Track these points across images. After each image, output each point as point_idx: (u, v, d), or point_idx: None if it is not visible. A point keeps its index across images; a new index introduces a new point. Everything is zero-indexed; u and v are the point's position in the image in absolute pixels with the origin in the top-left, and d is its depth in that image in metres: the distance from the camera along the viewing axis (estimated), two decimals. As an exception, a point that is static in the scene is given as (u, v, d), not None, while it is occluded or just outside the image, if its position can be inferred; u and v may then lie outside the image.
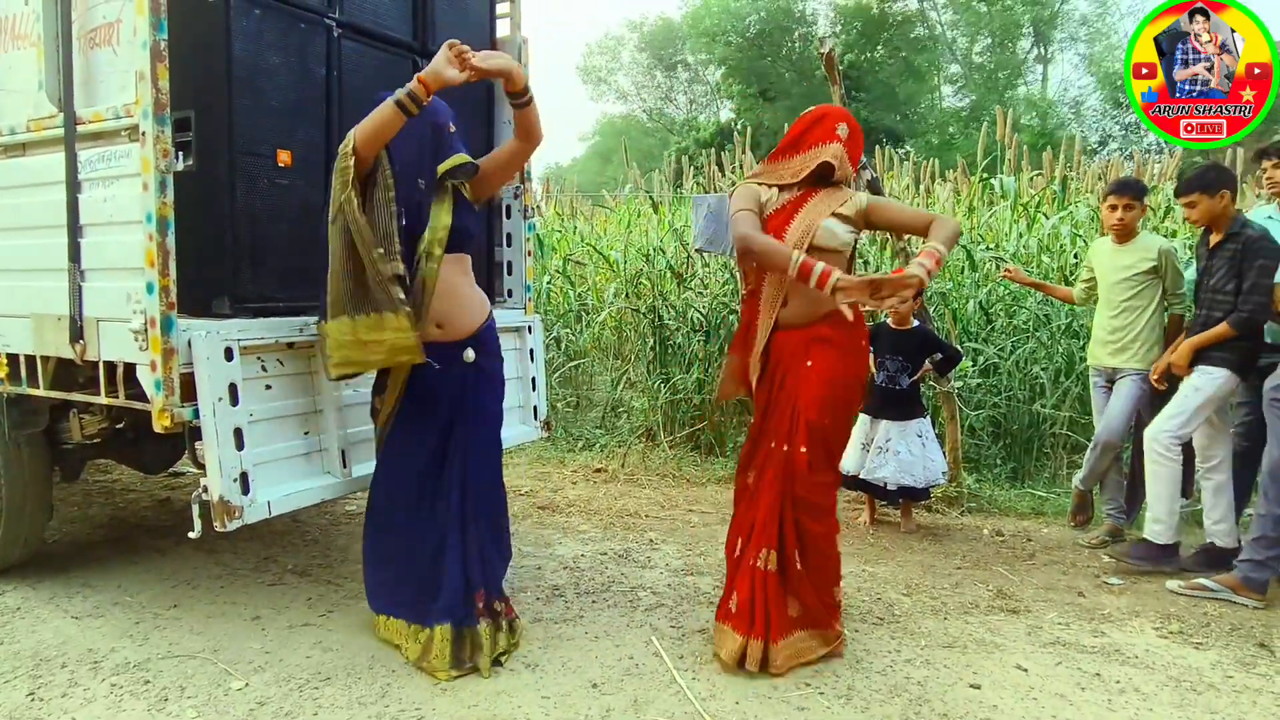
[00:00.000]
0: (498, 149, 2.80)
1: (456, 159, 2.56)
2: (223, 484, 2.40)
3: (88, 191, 2.59)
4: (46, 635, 2.78)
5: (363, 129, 2.36)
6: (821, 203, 2.66)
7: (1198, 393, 3.43)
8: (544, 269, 7.01)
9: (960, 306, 5.63)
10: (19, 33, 2.77)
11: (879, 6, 26.86)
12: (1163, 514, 3.49)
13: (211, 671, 2.54)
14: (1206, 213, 3.51)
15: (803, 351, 2.63)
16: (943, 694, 2.47)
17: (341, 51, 2.98)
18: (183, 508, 4.28)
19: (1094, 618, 3.07)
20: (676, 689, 2.46)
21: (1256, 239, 3.38)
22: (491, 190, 2.82)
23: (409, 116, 2.36)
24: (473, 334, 2.63)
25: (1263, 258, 3.33)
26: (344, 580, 3.28)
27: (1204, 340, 3.44)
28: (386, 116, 2.34)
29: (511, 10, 3.77)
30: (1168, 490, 3.48)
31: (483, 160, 2.69)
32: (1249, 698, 2.50)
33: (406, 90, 2.33)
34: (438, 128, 2.56)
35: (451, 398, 2.60)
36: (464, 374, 2.62)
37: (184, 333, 2.42)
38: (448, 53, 2.37)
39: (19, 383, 2.89)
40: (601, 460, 5.37)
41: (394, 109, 2.33)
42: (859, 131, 2.77)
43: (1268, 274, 3.32)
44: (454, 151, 2.57)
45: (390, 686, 2.45)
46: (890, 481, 3.97)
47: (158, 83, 2.32)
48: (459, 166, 2.56)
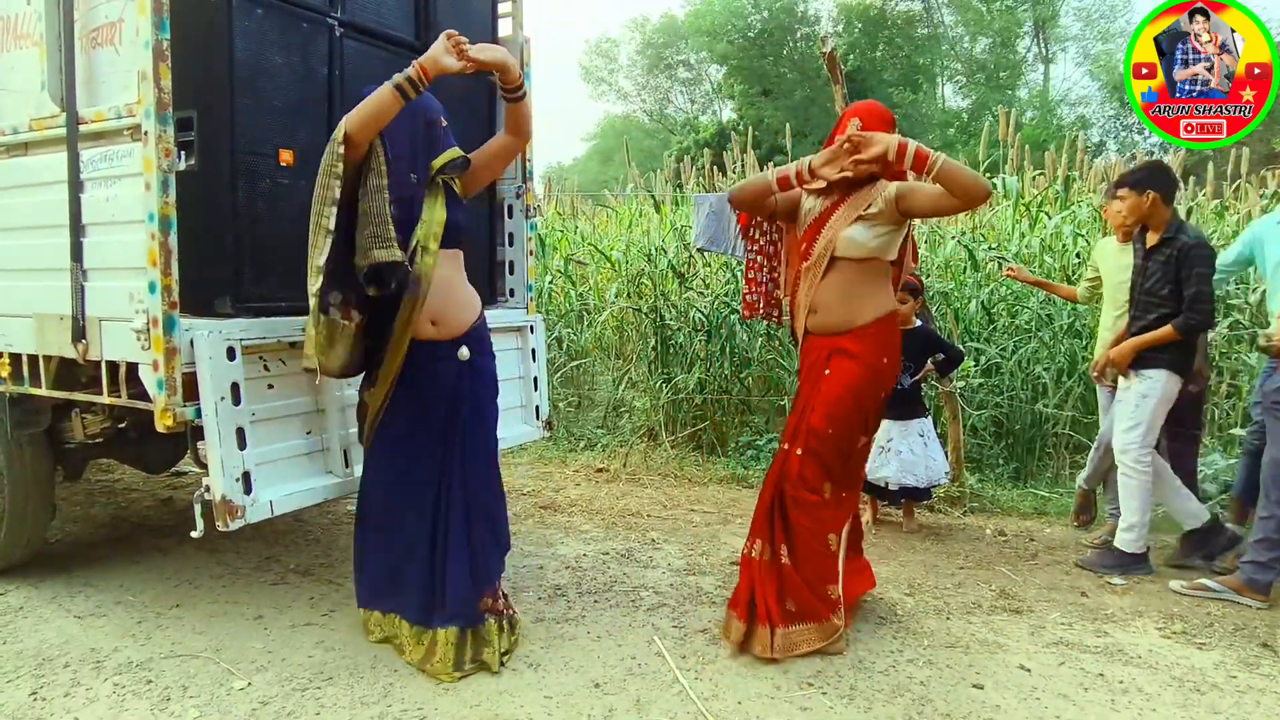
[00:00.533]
0: (488, 144, 2.80)
1: (450, 153, 2.56)
2: (225, 483, 2.40)
3: (90, 191, 2.59)
4: (49, 635, 2.78)
5: (356, 115, 2.35)
6: (846, 211, 2.71)
7: (1146, 399, 3.47)
8: (545, 268, 7.01)
9: (962, 306, 5.63)
10: (21, 32, 2.77)
11: (881, 6, 26.86)
12: (1135, 523, 3.52)
13: (214, 671, 2.54)
14: (1132, 210, 3.54)
15: (823, 360, 2.73)
16: (946, 694, 2.46)
17: (344, 51, 2.97)
18: (184, 507, 4.28)
19: (1097, 618, 3.06)
20: (679, 689, 2.45)
21: (1192, 245, 3.40)
22: (480, 185, 2.82)
23: (406, 100, 2.36)
24: (466, 331, 2.62)
25: (1200, 266, 3.37)
26: (346, 580, 3.27)
27: (1147, 341, 3.46)
28: (385, 100, 2.34)
29: (513, 10, 3.77)
30: (1140, 501, 3.50)
31: (473, 155, 2.69)
32: (1253, 698, 2.49)
33: (405, 74, 2.34)
34: (429, 123, 2.56)
35: (447, 396, 2.58)
36: (459, 372, 2.60)
37: (186, 332, 2.41)
38: (445, 42, 2.38)
39: (21, 382, 2.89)
40: (603, 460, 5.37)
41: (392, 92, 2.33)
42: (880, 116, 2.76)
43: (1207, 281, 3.38)
44: (446, 146, 2.57)
45: (393, 686, 2.45)
46: (892, 481, 3.97)
47: (160, 82, 2.32)
48: (452, 161, 2.56)
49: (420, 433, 2.58)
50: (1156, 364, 3.45)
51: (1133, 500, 3.51)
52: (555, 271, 7.23)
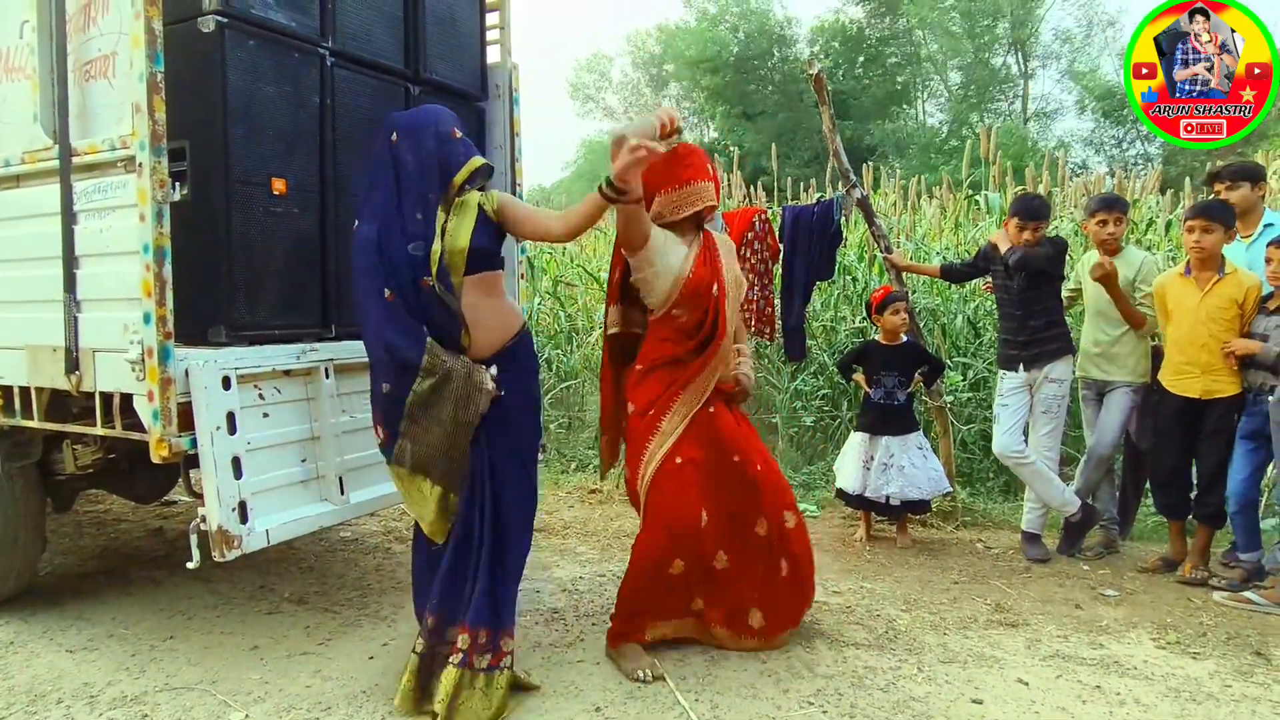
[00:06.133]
0: (541, 213, 2.69)
1: (473, 164, 2.48)
2: (221, 513, 2.39)
3: (83, 222, 2.59)
4: (41, 670, 2.74)
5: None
6: (723, 247, 2.85)
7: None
8: (534, 290, 7.03)
9: (949, 321, 5.68)
10: (13, 65, 2.79)
11: (860, 26, 27.20)
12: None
13: (210, 703, 2.51)
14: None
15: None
16: (945, 709, 2.47)
17: (335, 80, 3.01)
18: (175, 537, 4.24)
19: (1092, 629, 3.08)
20: (680, 711, 2.45)
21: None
22: (521, 235, 2.78)
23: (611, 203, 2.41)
24: (497, 351, 2.51)
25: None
26: (341, 607, 3.26)
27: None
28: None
29: (501, 37, 3.82)
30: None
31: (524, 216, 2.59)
32: (1248, 706, 2.51)
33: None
34: (441, 136, 2.46)
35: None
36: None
37: (181, 362, 2.41)
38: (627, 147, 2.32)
39: (13, 414, 2.87)
40: (596, 481, 5.37)
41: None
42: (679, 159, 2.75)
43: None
44: (467, 158, 2.48)
45: (391, 716, 2.42)
46: (896, 496, 3.99)
47: (154, 114, 2.33)
48: (476, 171, 2.49)
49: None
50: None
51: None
52: (544, 293, 7.25)
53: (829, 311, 6.13)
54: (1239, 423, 3.52)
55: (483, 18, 3.72)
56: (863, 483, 4.09)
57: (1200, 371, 3.57)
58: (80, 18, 2.60)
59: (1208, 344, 3.53)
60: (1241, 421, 3.51)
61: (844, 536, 4.26)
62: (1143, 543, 4.07)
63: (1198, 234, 3.54)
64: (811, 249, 4.57)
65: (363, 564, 3.83)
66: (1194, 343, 3.58)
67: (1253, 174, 3.77)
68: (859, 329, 5.84)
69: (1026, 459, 3.83)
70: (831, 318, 6.10)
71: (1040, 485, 3.85)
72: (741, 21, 27.67)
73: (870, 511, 4.21)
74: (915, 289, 5.84)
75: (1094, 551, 3.94)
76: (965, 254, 6.34)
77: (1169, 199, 6.92)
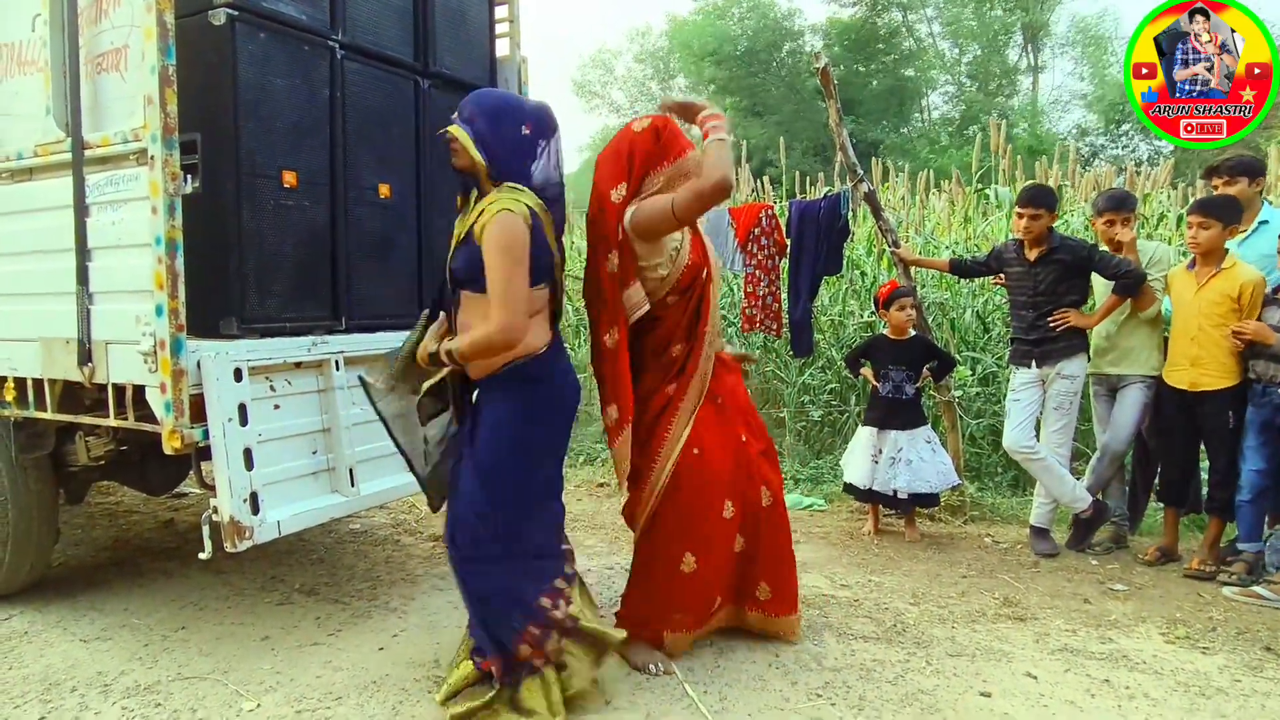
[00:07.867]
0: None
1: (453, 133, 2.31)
2: (233, 504, 2.41)
3: (95, 215, 2.61)
4: (55, 659, 2.77)
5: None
6: (703, 228, 2.86)
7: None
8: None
9: (958, 316, 5.67)
10: (25, 58, 2.80)
11: (867, 20, 27.06)
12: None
13: (222, 693, 2.53)
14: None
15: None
16: (954, 703, 2.47)
17: (345, 72, 3.01)
18: (187, 529, 4.27)
19: (1101, 624, 3.08)
20: (688, 702, 2.46)
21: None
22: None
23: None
24: (483, 377, 2.33)
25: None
26: (351, 599, 3.28)
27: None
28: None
29: (511, 30, 3.82)
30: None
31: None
32: (1258, 701, 2.51)
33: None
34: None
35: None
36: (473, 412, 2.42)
37: (193, 354, 2.43)
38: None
39: (27, 406, 2.89)
40: (604, 475, 5.38)
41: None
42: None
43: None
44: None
45: (401, 705, 2.44)
46: (904, 490, 3.99)
47: (166, 107, 2.35)
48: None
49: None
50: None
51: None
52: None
53: (837, 306, 6.12)
54: (1246, 415, 3.51)
55: (491, 11, 3.73)
56: (871, 476, 4.09)
57: (1189, 364, 3.61)
58: (92, 11, 2.61)
59: (1197, 337, 3.58)
60: (1249, 413, 3.50)
61: (852, 530, 4.26)
62: (1152, 538, 4.06)
63: (1195, 229, 3.59)
64: (819, 244, 4.56)
65: (373, 556, 3.85)
66: (1185, 335, 3.63)
67: (1250, 169, 3.77)
68: (867, 324, 5.83)
69: (1037, 454, 3.82)
70: (839, 312, 6.09)
71: (1051, 481, 3.84)
72: (749, 15, 27.54)
73: (878, 505, 4.21)
74: (924, 283, 5.83)
75: (1103, 547, 3.93)
76: (974, 249, 6.32)
77: (1180, 194, 6.88)
